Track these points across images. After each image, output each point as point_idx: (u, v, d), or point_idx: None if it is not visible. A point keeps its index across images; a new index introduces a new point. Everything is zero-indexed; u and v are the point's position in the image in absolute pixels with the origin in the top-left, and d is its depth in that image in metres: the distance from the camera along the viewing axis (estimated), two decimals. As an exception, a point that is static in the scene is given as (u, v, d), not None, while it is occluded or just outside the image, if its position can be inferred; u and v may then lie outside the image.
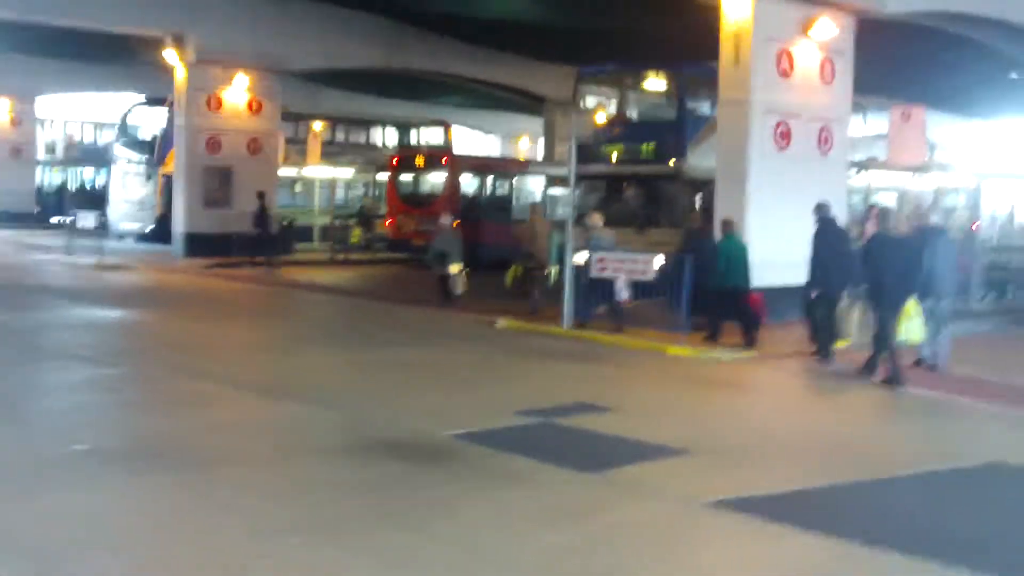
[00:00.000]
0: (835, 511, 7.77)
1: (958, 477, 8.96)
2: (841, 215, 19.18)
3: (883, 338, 13.09)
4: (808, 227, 15.57)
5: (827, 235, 14.51)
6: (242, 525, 6.91)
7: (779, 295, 16.59)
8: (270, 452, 9.12)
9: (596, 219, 17.56)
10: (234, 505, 7.33)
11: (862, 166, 23.88)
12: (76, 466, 8.30)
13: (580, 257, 16.98)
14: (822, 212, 14.74)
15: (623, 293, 16.40)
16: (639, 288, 16.52)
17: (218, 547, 6.51)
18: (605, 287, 16.63)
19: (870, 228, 14.24)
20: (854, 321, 14.53)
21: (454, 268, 20.05)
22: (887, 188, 25.78)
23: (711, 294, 15.63)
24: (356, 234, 31.73)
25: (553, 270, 17.97)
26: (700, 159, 21.85)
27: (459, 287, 20.11)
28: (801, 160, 18.74)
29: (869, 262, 13.33)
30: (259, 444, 9.44)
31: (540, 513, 7.43)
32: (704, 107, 23.35)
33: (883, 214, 13.84)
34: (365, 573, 6.22)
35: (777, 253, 17.14)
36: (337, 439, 9.54)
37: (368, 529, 6.91)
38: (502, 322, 17.71)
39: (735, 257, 15.73)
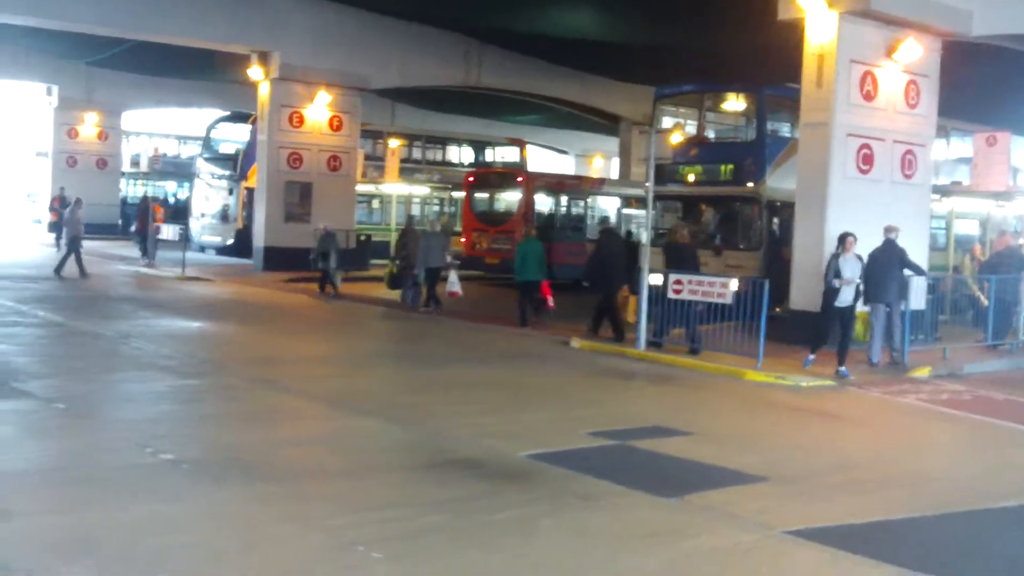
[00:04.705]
0: (915, 544, 7.65)
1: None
2: (923, 240, 18.99)
3: (609, 315, 17.85)
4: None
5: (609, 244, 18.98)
6: (325, 538, 6.99)
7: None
8: (349, 466, 9.20)
9: (434, 225, 23.34)
10: (316, 518, 7.41)
11: (945, 191, 23.52)
12: (161, 475, 8.46)
13: (655, 278, 16.98)
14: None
15: (455, 286, 21.25)
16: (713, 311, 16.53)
17: (302, 559, 6.58)
18: (682, 308, 16.60)
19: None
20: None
21: (334, 267, 24.79)
22: (969, 214, 25.41)
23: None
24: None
25: (421, 271, 21.83)
26: (779, 181, 21.67)
27: (339, 283, 24.80)
28: (883, 184, 18.50)
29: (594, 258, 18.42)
30: (338, 458, 9.52)
31: (618, 536, 7.40)
32: (784, 129, 23.17)
33: (606, 230, 18.14)
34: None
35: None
36: (413, 456, 9.62)
37: (447, 546, 6.94)
38: (576, 341, 17.74)
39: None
